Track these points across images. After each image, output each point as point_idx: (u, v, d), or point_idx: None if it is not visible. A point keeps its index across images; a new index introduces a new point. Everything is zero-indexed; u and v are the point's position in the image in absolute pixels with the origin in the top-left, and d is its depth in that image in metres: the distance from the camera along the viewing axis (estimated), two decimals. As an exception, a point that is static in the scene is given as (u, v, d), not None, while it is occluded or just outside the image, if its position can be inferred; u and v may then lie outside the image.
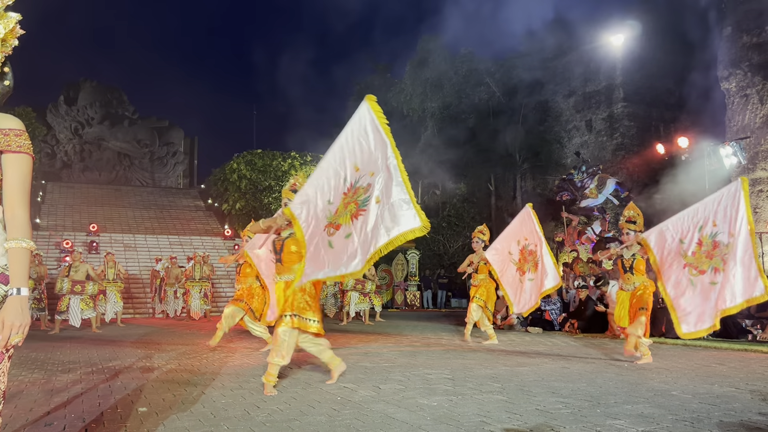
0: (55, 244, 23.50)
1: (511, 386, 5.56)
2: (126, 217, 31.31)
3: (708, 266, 6.65)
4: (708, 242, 6.73)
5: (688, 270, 6.78)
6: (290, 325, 5.26)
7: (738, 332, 10.60)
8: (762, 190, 18.75)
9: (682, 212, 7.09)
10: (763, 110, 18.73)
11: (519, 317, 12.94)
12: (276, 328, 5.42)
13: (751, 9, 19.18)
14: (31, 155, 2.14)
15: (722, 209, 6.79)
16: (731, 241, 6.53)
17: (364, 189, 4.94)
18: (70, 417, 4.41)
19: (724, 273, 6.50)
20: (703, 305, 6.64)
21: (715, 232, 6.73)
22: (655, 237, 7.11)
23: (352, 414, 4.41)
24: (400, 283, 22.81)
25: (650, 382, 5.84)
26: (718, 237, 6.70)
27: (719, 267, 6.58)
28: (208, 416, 4.37)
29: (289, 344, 5.31)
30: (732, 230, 6.59)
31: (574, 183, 21.16)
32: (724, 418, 4.23)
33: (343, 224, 4.98)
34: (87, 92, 49.25)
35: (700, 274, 6.71)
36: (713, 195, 7.02)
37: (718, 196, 6.89)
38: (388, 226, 4.69)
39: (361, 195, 4.96)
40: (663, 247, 7.02)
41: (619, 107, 24.87)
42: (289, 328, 5.28)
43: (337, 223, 5.02)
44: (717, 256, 6.61)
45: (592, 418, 4.26)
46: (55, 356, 8.14)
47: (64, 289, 12.45)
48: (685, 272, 6.80)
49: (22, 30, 2.19)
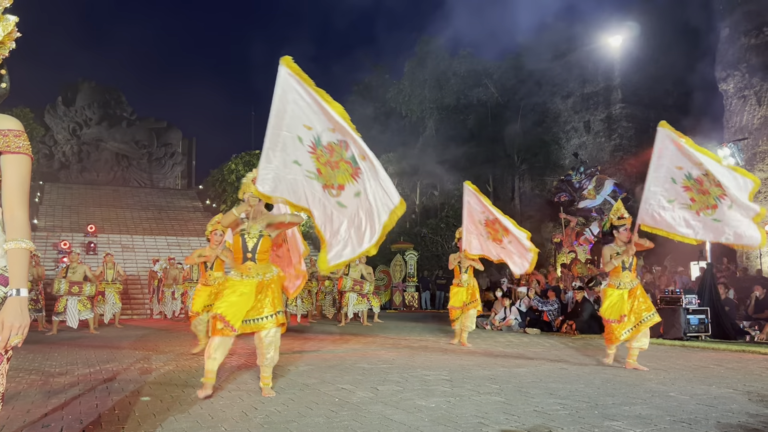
0: (52, 244, 23.48)
1: (509, 387, 5.57)
2: (124, 217, 31.27)
3: (713, 198, 6.55)
4: (692, 183, 6.66)
5: (703, 214, 6.66)
6: (277, 323, 5.22)
7: (736, 333, 10.63)
8: (760, 191, 18.77)
9: (648, 186, 7.00)
10: (761, 111, 18.76)
11: (517, 318, 12.95)
12: (260, 331, 5.19)
13: (749, 10, 19.22)
14: (30, 156, 2.15)
15: (671, 155, 6.76)
16: (707, 171, 6.46)
17: (337, 145, 4.97)
18: (68, 418, 4.41)
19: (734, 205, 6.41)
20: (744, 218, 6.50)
21: (689, 173, 6.66)
22: (650, 219, 7.02)
23: (350, 415, 4.41)
24: (398, 284, 22.79)
25: (648, 383, 5.85)
26: (693, 173, 6.62)
27: (723, 194, 6.48)
28: (206, 418, 4.37)
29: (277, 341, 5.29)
30: (697, 161, 6.54)
31: (573, 184, 21.20)
32: (721, 420, 4.23)
33: (346, 184, 4.98)
34: (85, 93, 49.19)
35: (715, 209, 6.59)
36: (653, 159, 6.95)
37: (657, 153, 6.87)
38: (385, 201, 4.84)
39: (343, 152, 4.97)
40: (664, 218, 6.91)
41: (617, 108, 24.90)
42: (277, 327, 5.25)
43: (338, 184, 5.00)
44: (711, 186, 6.51)
45: (589, 419, 4.26)
46: (53, 357, 8.13)
47: (62, 290, 12.42)
48: (706, 218, 6.65)
49: (20, 33, 2.19)
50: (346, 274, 14.41)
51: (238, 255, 5.34)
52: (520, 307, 13.18)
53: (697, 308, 10.64)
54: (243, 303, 5.11)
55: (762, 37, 18.78)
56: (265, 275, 5.26)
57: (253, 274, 5.23)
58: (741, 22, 19.41)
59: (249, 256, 5.27)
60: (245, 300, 5.12)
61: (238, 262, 5.33)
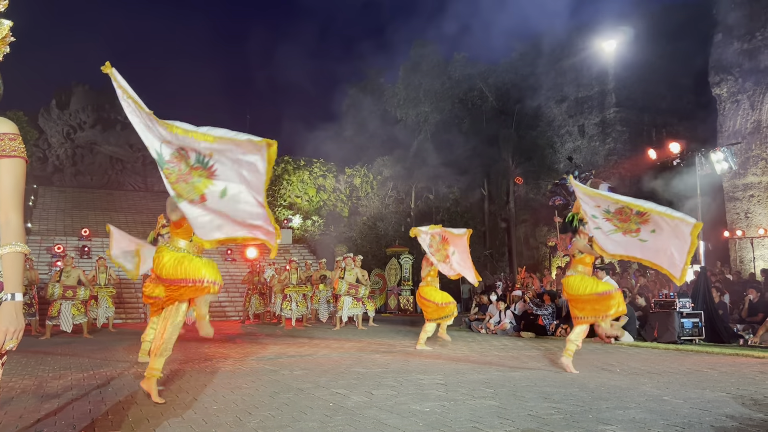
0: (46, 248, 23.37)
1: (504, 391, 5.57)
2: (118, 221, 31.07)
3: (634, 224, 6.67)
4: (611, 215, 6.78)
5: (629, 236, 6.77)
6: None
7: (729, 337, 10.65)
8: (753, 195, 18.87)
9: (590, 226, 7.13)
10: (753, 115, 18.86)
11: (512, 322, 12.96)
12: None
13: (742, 15, 19.33)
14: (25, 159, 2.14)
15: (586, 201, 6.94)
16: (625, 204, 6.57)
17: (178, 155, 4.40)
18: (61, 423, 4.39)
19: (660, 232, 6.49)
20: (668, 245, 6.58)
21: (606, 209, 6.78)
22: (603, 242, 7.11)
23: (345, 420, 4.40)
24: (393, 288, 22.79)
25: (642, 387, 5.86)
26: (611, 208, 6.74)
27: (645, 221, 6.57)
28: (200, 422, 4.35)
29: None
30: (612, 200, 6.71)
31: (567, 188, 21.22)
32: (715, 423, 4.25)
33: (205, 189, 4.36)
34: (79, 96, 49.10)
35: (638, 233, 6.70)
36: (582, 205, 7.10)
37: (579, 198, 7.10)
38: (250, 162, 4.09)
39: (187, 161, 4.38)
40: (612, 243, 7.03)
41: (611, 112, 24.98)
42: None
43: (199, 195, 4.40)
44: (631, 215, 6.61)
45: (584, 423, 4.27)
46: (46, 362, 8.09)
47: (56, 294, 12.37)
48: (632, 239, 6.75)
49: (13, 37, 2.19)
50: (342, 278, 14.40)
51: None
52: (515, 310, 13.19)
53: (691, 312, 10.68)
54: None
55: (755, 41, 18.90)
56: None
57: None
58: (734, 27, 19.53)
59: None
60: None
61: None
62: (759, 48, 18.79)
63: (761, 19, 18.83)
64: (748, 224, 18.78)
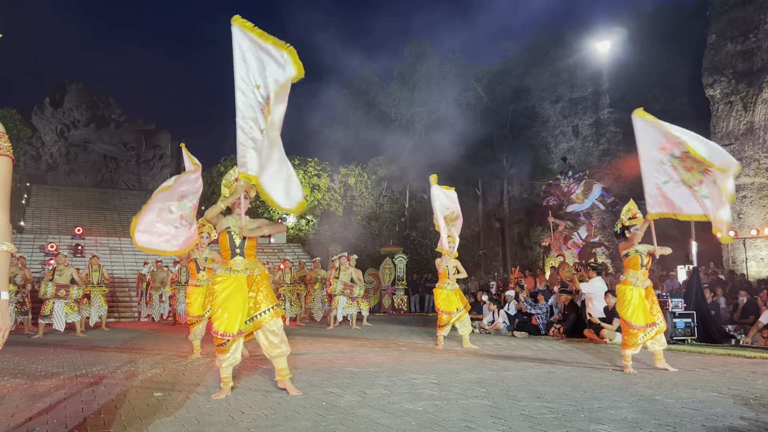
0: (39, 247, 23.28)
1: (497, 391, 5.58)
2: (112, 220, 31.11)
3: (698, 173, 6.55)
4: (677, 162, 6.70)
5: (695, 190, 6.65)
6: (276, 315, 5.30)
7: (721, 337, 10.70)
8: (746, 196, 18.96)
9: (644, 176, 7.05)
10: (746, 117, 18.95)
11: (505, 322, 12.98)
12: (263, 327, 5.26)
13: (735, 17, 19.43)
14: (11, 157, 2.11)
15: (652, 138, 6.85)
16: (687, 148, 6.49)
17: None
18: (53, 423, 4.37)
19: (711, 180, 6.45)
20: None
21: (671, 152, 6.71)
22: (656, 206, 6.99)
23: (337, 419, 4.40)
24: (387, 287, 22.80)
25: (634, 386, 5.88)
26: (675, 152, 6.67)
27: (707, 169, 6.49)
28: (193, 421, 4.35)
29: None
30: (675, 139, 6.61)
31: (561, 188, 21.30)
32: (706, 423, 4.26)
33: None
34: (73, 94, 48.92)
35: (701, 184, 6.58)
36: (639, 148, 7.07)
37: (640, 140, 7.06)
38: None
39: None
40: (667, 199, 6.91)
41: (605, 113, 25.06)
42: (278, 317, 5.31)
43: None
44: (694, 163, 6.54)
45: (576, 423, 4.28)
46: (38, 361, 8.06)
47: (48, 293, 12.30)
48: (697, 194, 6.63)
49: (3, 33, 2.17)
50: (337, 278, 14.39)
51: (226, 252, 5.39)
52: (508, 310, 13.21)
53: (683, 312, 10.71)
54: (236, 306, 5.16)
55: (748, 43, 18.99)
56: (253, 270, 5.35)
57: (241, 269, 5.29)
58: (727, 29, 19.63)
59: (237, 252, 5.35)
60: (238, 300, 5.17)
61: (227, 259, 5.36)
62: (752, 50, 18.88)
63: (754, 21, 18.93)
64: (741, 225, 18.87)
